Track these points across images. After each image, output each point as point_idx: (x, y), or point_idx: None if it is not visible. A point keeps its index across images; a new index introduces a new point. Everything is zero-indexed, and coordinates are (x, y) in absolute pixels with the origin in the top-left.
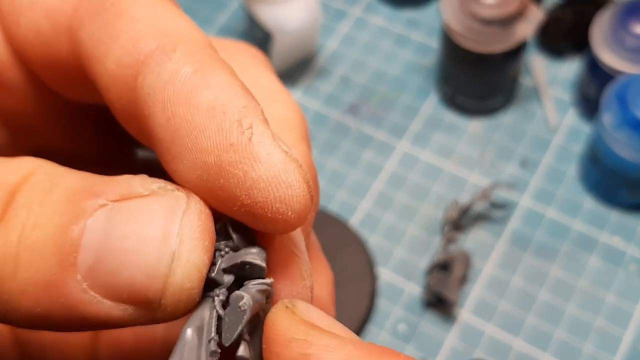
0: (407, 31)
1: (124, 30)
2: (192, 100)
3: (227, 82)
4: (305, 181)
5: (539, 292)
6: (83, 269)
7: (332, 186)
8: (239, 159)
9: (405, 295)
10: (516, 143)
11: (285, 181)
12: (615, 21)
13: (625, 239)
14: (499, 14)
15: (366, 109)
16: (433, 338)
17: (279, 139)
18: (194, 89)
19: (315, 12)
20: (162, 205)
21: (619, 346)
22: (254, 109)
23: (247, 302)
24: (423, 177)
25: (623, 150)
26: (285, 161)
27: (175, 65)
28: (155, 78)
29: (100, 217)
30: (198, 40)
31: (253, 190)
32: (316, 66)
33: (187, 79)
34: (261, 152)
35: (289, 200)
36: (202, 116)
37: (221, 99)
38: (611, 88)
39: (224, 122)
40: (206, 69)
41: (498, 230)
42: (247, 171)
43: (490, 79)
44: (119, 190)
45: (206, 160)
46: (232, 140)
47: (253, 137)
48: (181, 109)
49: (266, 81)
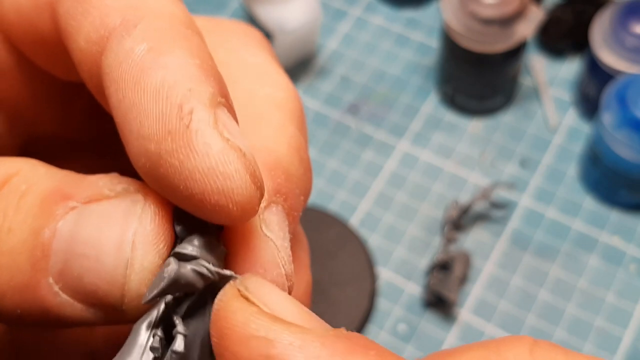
0: (407, 31)
1: (94, 6)
2: (141, 82)
3: (181, 62)
4: (250, 171)
5: (539, 292)
6: (54, 273)
7: (332, 186)
8: (175, 147)
9: (405, 295)
10: (516, 143)
11: (223, 172)
12: (615, 21)
13: (625, 239)
14: (499, 14)
15: (366, 109)
16: (433, 338)
17: (229, 126)
18: (145, 69)
19: (316, 12)
20: (120, 210)
21: (619, 346)
22: (200, 92)
23: (170, 271)
24: (423, 177)
25: (623, 150)
26: (224, 150)
27: (132, 43)
28: (113, 57)
29: (70, 220)
30: (166, 15)
31: (190, 182)
32: (316, 66)
33: (139, 58)
34: (198, 141)
35: (228, 192)
36: (147, 99)
37: (169, 80)
38: (611, 88)
39: (165, 107)
40: (162, 46)
41: (498, 230)
42: (183, 161)
43: (490, 78)
44: (87, 192)
45: (148, 148)
46: (170, 127)
47: (191, 124)
48: (130, 91)
49: (259, 61)
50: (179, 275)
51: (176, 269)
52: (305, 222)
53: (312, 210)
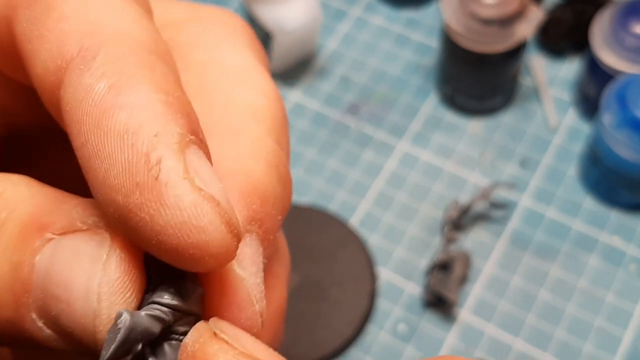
0: (407, 31)
1: (50, 30)
2: (103, 126)
3: (145, 100)
4: (225, 221)
5: (538, 292)
6: (36, 309)
7: (332, 186)
8: (144, 201)
9: (405, 295)
10: (516, 143)
11: (197, 226)
12: (615, 21)
13: (625, 239)
14: (499, 14)
15: (366, 109)
16: (433, 338)
17: (201, 171)
18: (106, 111)
19: (315, 12)
20: (88, 251)
21: (619, 346)
22: (167, 135)
23: (124, 321)
24: (423, 177)
25: (623, 150)
26: (196, 203)
27: (91, 79)
28: (72, 93)
29: (46, 254)
30: (127, 40)
31: (162, 236)
32: (316, 66)
33: (100, 97)
34: (168, 194)
35: (203, 245)
36: (111, 146)
37: (133, 124)
38: (611, 88)
39: (131, 156)
40: (124, 83)
41: (498, 230)
42: (154, 215)
43: (490, 78)
44: (62, 221)
45: (115, 199)
46: (138, 179)
47: (160, 175)
48: (92, 135)
49: (240, 61)
50: (133, 324)
51: (128, 318)
52: (305, 222)
53: (312, 210)
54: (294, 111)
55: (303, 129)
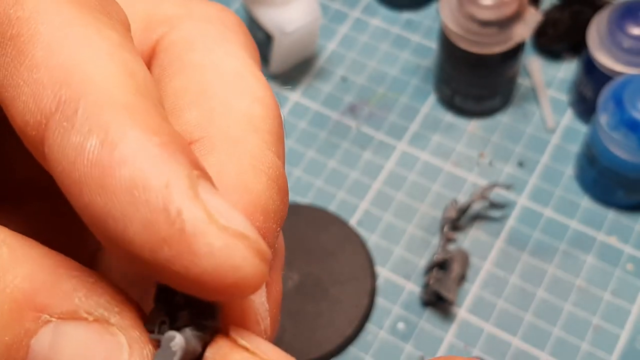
0: (406, 32)
1: (24, 80)
2: (107, 186)
3: (142, 150)
4: (255, 251)
5: (536, 290)
6: None
7: (331, 186)
8: (175, 254)
9: (404, 294)
10: (514, 143)
11: (232, 266)
12: (611, 22)
13: (622, 239)
14: (496, 16)
15: (366, 110)
16: (432, 336)
17: (219, 208)
18: (106, 170)
19: (315, 14)
20: (102, 354)
21: (615, 344)
22: (178, 182)
23: (179, 343)
24: (422, 177)
25: (619, 150)
26: (227, 245)
27: (79, 137)
28: (61, 154)
29: (45, 339)
30: (106, 85)
31: (200, 283)
32: (316, 67)
33: (94, 156)
34: (199, 245)
35: (241, 282)
36: (124, 204)
37: (138, 179)
38: (608, 89)
39: (149, 213)
40: (114, 135)
41: (496, 229)
42: (188, 267)
43: (489, 80)
44: (62, 305)
45: (141, 256)
46: (163, 235)
47: (185, 227)
48: (98, 197)
49: (233, 65)
50: (188, 344)
51: (183, 340)
52: (305, 221)
53: (312, 210)
54: (294, 111)
55: (303, 129)
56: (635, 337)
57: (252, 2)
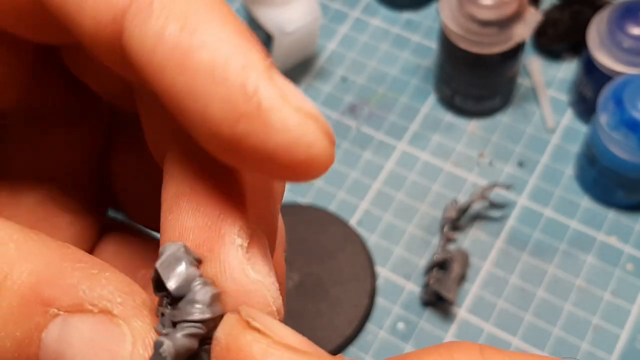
0: (406, 32)
1: None
2: (188, 67)
3: (219, 35)
4: (324, 132)
5: (536, 290)
6: None
7: (332, 186)
8: (253, 128)
9: (404, 294)
10: (514, 143)
11: (306, 143)
12: (611, 22)
13: (622, 239)
14: (496, 16)
15: (366, 109)
16: (432, 336)
17: (291, 92)
18: (187, 52)
19: (315, 14)
20: (107, 346)
21: (615, 344)
22: (254, 65)
23: (167, 349)
24: (422, 177)
25: (619, 150)
26: (301, 123)
27: (158, 23)
28: (142, 42)
29: (54, 332)
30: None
31: (274, 158)
32: (316, 67)
33: (175, 40)
34: (275, 120)
35: (314, 158)
36: (204, 83)
37: (219, 60)
38: (608, 88)
39: (227, 90)
40: (193, 22)
41: (496, 229)
42: (264, 140)
43: (489, 80)
44: (68, 299)
45: (220, 131)
46: (241, 110)
47: (262, 104)
48: (180, 77)
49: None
50: (178, 348)
51: (171, 344)
52: (305, 221)
53: (312, 209)
54: None
55: None
56: (635, 337)
57: (252, 2)
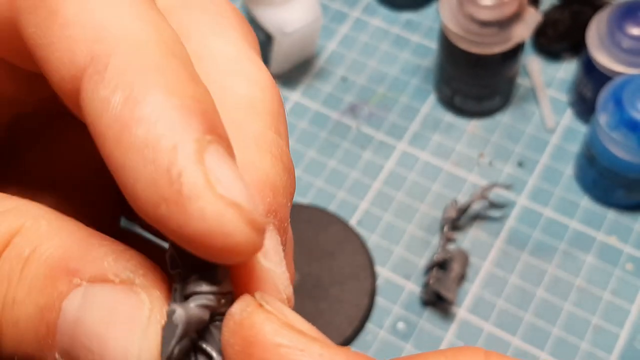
0: (406, 32)
1: (58, 38)
2: (124, 142)
3: (160, 110)
4: (248, 221)
5: (536, 290)
6: (60, 350)
7: (332, 186)
8: (171, 214)
9: (404, 294)
10: (514, 143)
11: (222, 232)
12: (611, 23)
13: (621, 239)
14: (496, 16)
15: (366, 109)
16: (432, 336)
17: (222, 175)
18: (124, 126)
19: (315, 14)
20: (126, 311)
21: (615, 344)
22: (185, 145)
23: (179, 316)
24: (422, 177)
25: (619, 150)
26: (219, 212)
27: (106, 92)
28: (91, 107)
29: (75, 300)
30: (135, 43)
31: (192, 243)
32: (316, 67)
33: (117, 111)
34: (192, 208)
35: (231, 247)
36: (134, 161)
37: (152, 138)
38: (607, 89)
39: (154, 172)
40: (137, 94)
41: (496, 229)
42: (182, 226)
43: (488, 80)
44: (92, 269)
45: (145, 210)
46: (163, 194)
47: (183, 189)
48: (115, 151)
49: (231, 51)
50: (189, 317)
51: (183, 314)
52: (305, 221)
53: (312, 209)
54: (294, 111)
55: (303, 129)
56: (635, 336)
57: (252, 2)
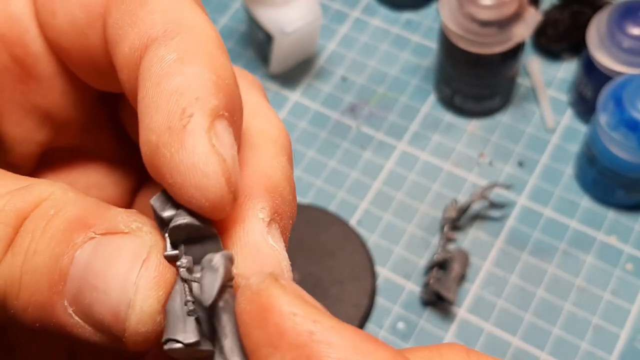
0: (406, 32)
1: (141, 19)
2: (162, 84)
3: (199, 74)
4: (225, 176)
5: (536, 290)
6: (69, 297)
7: (332, 186)
8: (170, 141)
9: (404, 294)
10: (514, 143)
11: (202, 170)
12: (611, 22)
13: (621, 239)
14: (496, 16)
15: (366, 109)
16: (432, 336)
17: (222, 137)
18: (168, 74)
19: (315, 14)
20: (130, 250)
21: (615, 344)
22: (205, 102)
23: (219, 260)
24: (422, 177)
25: (619, 150)
26: (207, 153)
27: (165, 51)
28: (148, 62)
29: (87, 250)
30: (202, 34)
31: (174, 172)
32: (316, 67)
33: (167, 64)
34: (188, 140)
35: (203, 188)
36: (162, 99)
37: (183, 87)
38: (607, 88)
39: (173, 108)
40: (188, 58)
41: (496, 229)
42: (173, 154)
43: (489, 80)
44: (107, 224)
45: (150, 138)
46: (171, 124)
47: (188, 125)
48: (152, 90)
49: (255, 100)
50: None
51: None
52: (305, 221)
53: (312, 209)
54: (294, 111)
55: (303, 129)
56: (635, 336)
57: (252, 2)
